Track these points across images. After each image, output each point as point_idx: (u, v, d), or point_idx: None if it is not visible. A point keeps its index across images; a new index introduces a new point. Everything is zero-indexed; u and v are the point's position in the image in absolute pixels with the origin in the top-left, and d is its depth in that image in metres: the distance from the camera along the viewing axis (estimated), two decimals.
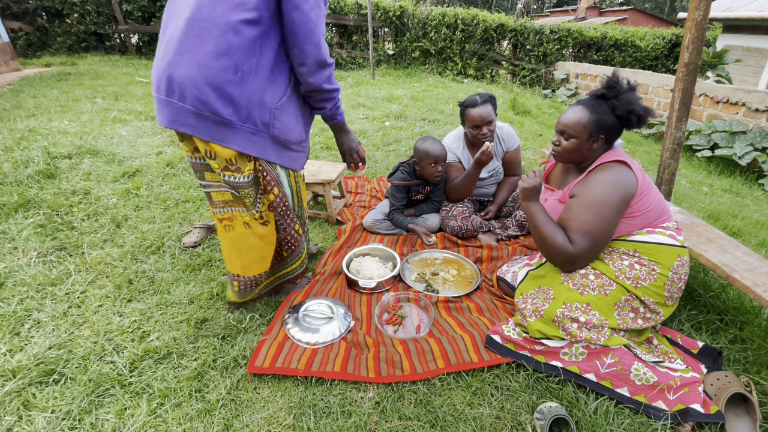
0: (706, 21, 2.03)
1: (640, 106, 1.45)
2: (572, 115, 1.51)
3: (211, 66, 1.22)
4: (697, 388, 1.37)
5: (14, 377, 1.39)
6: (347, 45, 8.78)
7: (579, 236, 1.45)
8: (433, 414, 1.33)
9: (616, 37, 9.58)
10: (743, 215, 3.12)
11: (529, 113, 5.96)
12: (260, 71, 1.29)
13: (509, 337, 1.53)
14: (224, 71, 1.23)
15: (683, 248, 1.50)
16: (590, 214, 1.42)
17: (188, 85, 1.23)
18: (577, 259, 1.48)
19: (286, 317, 1.71)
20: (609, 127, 1.49)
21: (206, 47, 1.22)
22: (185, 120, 1.28)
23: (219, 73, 1.23)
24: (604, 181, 1.45)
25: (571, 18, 20.84)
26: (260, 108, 1.32)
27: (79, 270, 1.97)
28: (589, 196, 1.45)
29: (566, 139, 1.54)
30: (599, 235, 1.43)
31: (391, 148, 3.84)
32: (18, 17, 6.97)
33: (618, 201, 1.42)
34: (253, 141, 1.36)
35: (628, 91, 1.47)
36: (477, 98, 2.26)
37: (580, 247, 1.45)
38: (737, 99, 5.30)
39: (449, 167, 2.49)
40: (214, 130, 1.30)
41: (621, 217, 1.45)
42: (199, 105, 1.26)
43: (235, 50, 1.23)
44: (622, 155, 1.50)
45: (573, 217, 1.47)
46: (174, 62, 1.24)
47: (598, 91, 1.52)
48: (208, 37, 1.22)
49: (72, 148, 3.07)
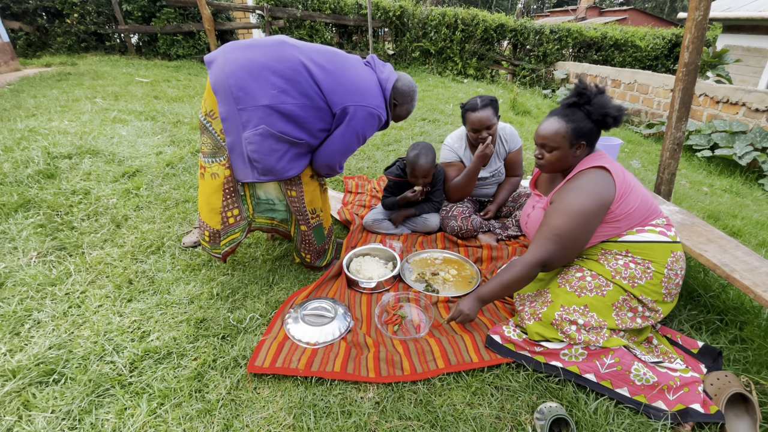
0: (706, 21, 2.03)
1: (614, 107, 1.45)
2: (549, 127, 1.51)
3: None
4: (697, 388, 1.37)
5: (14, 377, 1.39)
6: (347, 45, 8.78)
7: (545, 240, 1.46)
8: (433, 414, 1.33)
9: (616, 37, 9.58)
10: (743, 215, 3.12)
11: (529, 113, 5.96)
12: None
13: (509, 338, 1.53)
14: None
15: (675, 243, 1.49)
16: (561, 220, 1.44)
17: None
18: (544, 262, 1.46)
19: (286, 317, 1.71)
20: (587, 133, 1.49)
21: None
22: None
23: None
24: (581, 188, 1.45)
25: (571, 18, 20.84)
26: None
27: (79, 270, 1.97)
28: (564, 203, 1.46)
29: (549, 152, 1.54)
30: (567, 239, 1.44)
31: (391, 148, 3.84)
32: (18, 17, 6.96)
33: (592, 208, 1.42)
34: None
35: (597, 94, 1.47)
36: (478, 101, 2.24)
37: (545, 250, 1.45)
38: (737, 99, 5.31)
39: (450, 167, 2.49)
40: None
41: (598, 223, 1.46)
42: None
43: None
44: (601, 160, 1.49)
45: (546, 223, 1.50)
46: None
47: (569, 99, 1.52)
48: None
49: (72, 148, 3.07)
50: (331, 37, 8.58)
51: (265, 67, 1.55)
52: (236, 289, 1.91)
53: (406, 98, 1.83)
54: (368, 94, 1.67)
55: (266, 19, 7.60)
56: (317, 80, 1.59)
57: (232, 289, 1.91)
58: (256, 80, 1.54)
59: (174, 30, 7.33)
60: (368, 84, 1.69)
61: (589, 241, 1.49)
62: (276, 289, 1.96)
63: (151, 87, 5.33)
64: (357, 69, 1.70)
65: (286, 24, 7.94)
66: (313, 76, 1.58)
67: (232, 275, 2.02)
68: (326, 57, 1.64)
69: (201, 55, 7.57)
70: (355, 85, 1.65)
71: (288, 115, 1.58)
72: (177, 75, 6.28)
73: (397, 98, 1.83)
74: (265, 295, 1.90)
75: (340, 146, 1.70)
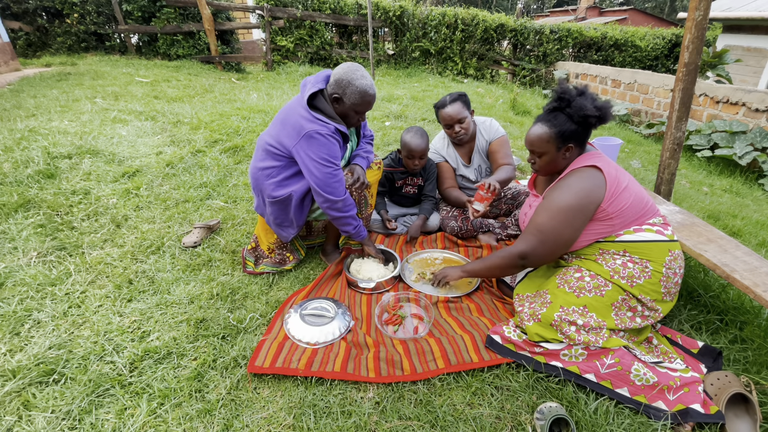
0: (706, 21, 2.03)
1: (593, 108, 1.45)
2: (534, 133, 1.55)
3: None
4: (697, 388, 1.37)
5: (14, 377, 1.39)
6: (347, 45, 8.78)
7: (529, 234, 1.55)
8: (433, 414, 1.33)
9: (616, 37, 9.58)
10: (743, 215, 3.12)
11: (529, 113, 5.96)
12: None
13: (509, 338, 1.53)
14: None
15: (673, 242, 1.49)
16: (545, 216, 1.50)
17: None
18: (524, 254, 1.55)
19: (286, 317, 1.71)
20: (572, 135, 1.50)
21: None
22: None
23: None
24: (567, 187, 1.48)
25: (571, 18, 20.83)
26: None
27: (79, 270, 1.97)
28: (550, 200, 1.51)
29: (539, 157, 1.58)
30: (548, 235, 1.49)
31: (391, 148, 3.83)
32: (18, 17, 6.95)
33: (575, 205, 1.44)
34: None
35: (577, 97, 1.47)
36: (447, 98, 2.30)
37: (526, 242, 1.55)
38: (737, 99, 5.31)
39: (438, 167, 2.52)
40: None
41: (585, 221, 1.46)
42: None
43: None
44: (593, 159, 1.50)
45: (531, 219, 1.56)
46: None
47: (551, 104, 1.54)
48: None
49: (72, 148, 3.07)
50: (330, 37, 8.57)
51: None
52: (236, 289, 1.91)
53: (342, 83, 1.74)
54: (296, 126, 1.75)
55: (266, 19, 7.60)
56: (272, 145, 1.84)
57: (232, 289, 1.91)
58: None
59: (174, 30, 7.33)
60: (294, 118, 1.78)
61: (576, 239, 1.50)
62: (276, 289, 1.96)
63: (151, 87, 5.33)
64: (288, 114, 1.82)
65: (286, 24, 7.94)
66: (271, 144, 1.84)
67: (232, 275, 2.02)
68: (273, 123, 1.89)
69: (201, 55, 7.57)
70: (288, 126, 1.79)
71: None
72: (177, 75, 6.27)
73: (335, 90, 1.76)
74: (265, 295, 1.90)
75: (317, 177, 1.76)
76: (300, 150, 1.75)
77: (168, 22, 7.28)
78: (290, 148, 1.77)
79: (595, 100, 1.48)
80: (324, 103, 1.79)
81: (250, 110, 4.38)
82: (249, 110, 4.38)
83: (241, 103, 4.89)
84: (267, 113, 4.37)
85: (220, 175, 3.03)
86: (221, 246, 2.24)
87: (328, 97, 1.79)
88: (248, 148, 3.49)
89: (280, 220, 1.93)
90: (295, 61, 8.28)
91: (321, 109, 1.78)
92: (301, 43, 8.23)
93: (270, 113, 4.38)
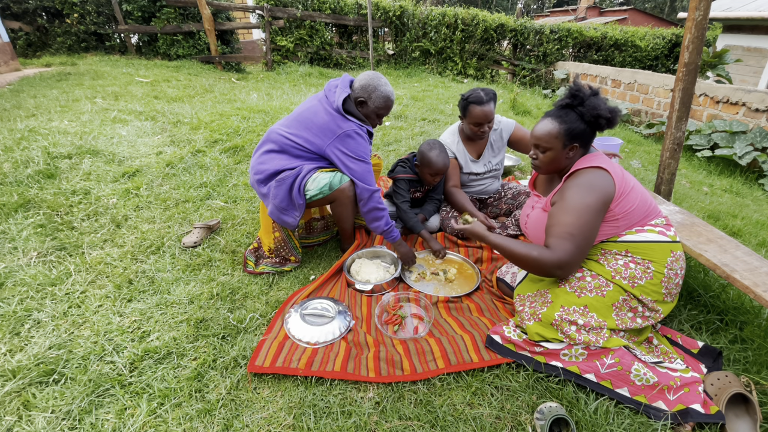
0: (706, 21, 2.03)
1: (606, 109, 1.45)
2: (543, 127, 1.52)
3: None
4: (697, 388, 1.37)
5: (14, 377, 1.39)
6: (347, 45, 8.77)
7: (560, 240, 1.42)
8: (433, 414, 1.33)
9: (616, 37, 9.58)
10: (743, 215, 3.12)
11: (529, 113, 5.96)
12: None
13: (509, 338, 1.53)
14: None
15: (675, 243, 1.49)
16: (570, 217, 1.42)
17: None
18: (563, 264, 1.42)
19: (286, 317, 1.71)
20: (580, 134, 1.49)
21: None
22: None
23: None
24: (581, 185, 1.45)
25: (571, 18, 20.83)
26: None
27: (79, 270, 1.97)
28: (568, 201, 1.45)
29: (542, 152, 1.55)
30: (580, 237, 1.41)
31: (391, 148, 3.83)
32: (18, 17, 6.95)
33: (596, 203, 1.41)
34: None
35: (591, 96, 1.47)
36: (482, 95, 2.21)
37: (563, 250, 1.41)
38: (737, 99, 5.31)
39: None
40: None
41: (602, 220, 1.45)
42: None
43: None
44: (598, 160, 1.49)
45: (554, 223, 1.47)
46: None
47: (563, 100, 1.52)
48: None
49: (72, 148, 3.07)
50: (330, 37, 8.57)
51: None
52: (236, 289, 1.91)
53: (368, 88, 1.92)
54: (329, 126, 1.89)
55: (266, 19, 7.60)
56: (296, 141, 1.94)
57: (232, 289, 1.91)
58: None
59: (174, 30, 7.33)
60: (323, 117, 1.90)
61: (595, 239, 1.48)
62: (276, 289, 1.96)
63: (151, 87, 5.33)
64: (314, 114, 1.93)
65: (286, 24, 7.94)
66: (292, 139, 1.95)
67: (232, 275, 2.02)
68: (293, 121, 1.97)
69: (201, 55, 7.57)
70: (316, 127, 1.91)
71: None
72: (177, 75, 6.27)
73: (361, 95, 1.93)
74: (265, 295, 1.90)
75: (357, 172, 1.92)
76: (334, 148, 1.89)
77: (168, 22, 7.28)
78: (324, 147, 1.89)
79: (607, 102, 1.48)
80: (352, 106, 1.94)
81: (250, 110, 4.39)
82: (249, 110, 4.38)
83: (241, 103, 4.89)
84: (267, 113, 4.37)
85: (220, 175, 3.03)
86: (221, 246, 2.24)
87: (354, 101, 1.94)
88: (248, 148, 3.49)
89: (285, 203, 1.92)
90: (295, 61, 8.27)
91: (351, 111, 1.93)
92: (301, 43, 8.22)
93: (270, 113, 4.38)
